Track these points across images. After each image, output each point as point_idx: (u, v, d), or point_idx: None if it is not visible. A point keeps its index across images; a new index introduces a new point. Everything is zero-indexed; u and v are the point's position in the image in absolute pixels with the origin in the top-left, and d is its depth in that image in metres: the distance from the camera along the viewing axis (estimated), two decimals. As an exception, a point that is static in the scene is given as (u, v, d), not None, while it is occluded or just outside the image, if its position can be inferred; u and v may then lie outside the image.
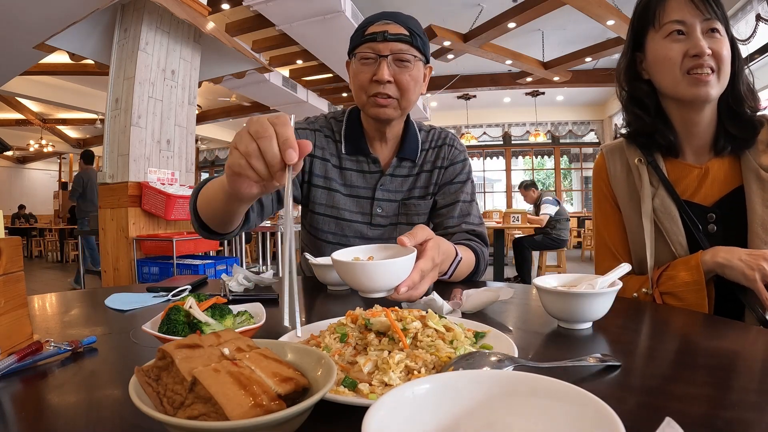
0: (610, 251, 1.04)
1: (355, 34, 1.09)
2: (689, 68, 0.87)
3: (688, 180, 0.96)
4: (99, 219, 3.65)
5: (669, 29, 0.88)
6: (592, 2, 5.42)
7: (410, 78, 1.04)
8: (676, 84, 0.89)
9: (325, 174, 1.15)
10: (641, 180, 0.98)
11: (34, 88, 8.11)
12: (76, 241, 6.91)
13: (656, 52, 0.91)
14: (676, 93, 0.90)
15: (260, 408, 0.31)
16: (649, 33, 0.93)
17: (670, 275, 0.90)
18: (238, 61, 4.53)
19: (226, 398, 0.30)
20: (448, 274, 0.92)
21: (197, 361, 0.34)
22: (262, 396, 0.32)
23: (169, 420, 0.30)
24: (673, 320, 0.75)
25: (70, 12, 3.64)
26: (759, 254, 0.80)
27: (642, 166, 0.98)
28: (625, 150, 1.03)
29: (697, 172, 0.95)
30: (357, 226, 1.16)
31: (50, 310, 0.87)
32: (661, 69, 0.91)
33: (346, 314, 0.55)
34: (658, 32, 0.90)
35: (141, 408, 0.31)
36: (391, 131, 1.14)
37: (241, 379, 0.33)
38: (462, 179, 1.19)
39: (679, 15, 0.87)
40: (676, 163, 0.98)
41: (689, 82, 0.87)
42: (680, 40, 0.88)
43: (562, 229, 5.21)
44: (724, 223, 0.92)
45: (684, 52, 0.87)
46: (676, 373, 0.50)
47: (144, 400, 0.33)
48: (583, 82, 8.88)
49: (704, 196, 0.94)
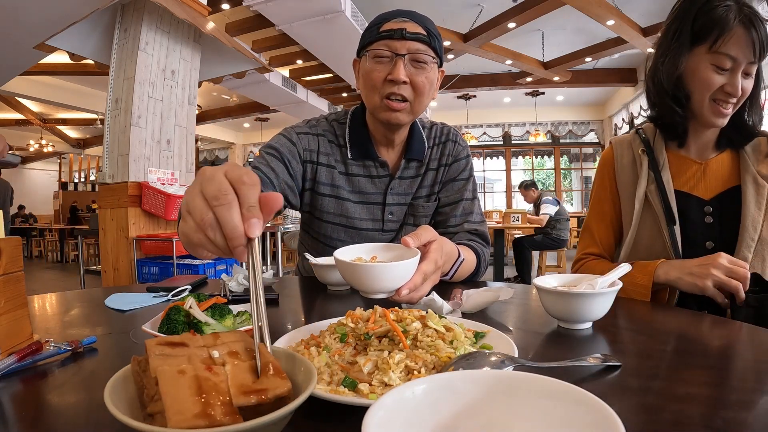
0: (593, 237, 1.13)
1: (368, 31, 1.02)
2: (717, 99, 0.94)
3: (689, 173, 1.03)
4: (99, 219, 3.66)
5: (720, 61, 0.91)
6: (592, 2, 5.42)
7: (426, 80, 0.99)
8: (701, 106, 0.96)
9: (332, 182, 1.10)
10: (641, 167, 1.05)
11: (34, 88, 8.12)
12: (76, 241, 6.91)
13: (698, 72, 0.94)
14: (698, 113, 0.97)
15: (206, 419, 0.29)
16: (702, 47, 0.94)
17: (630, 275, 0.93)
18: (238, 61, 4.53)
19: (173, 401, 0.30)
20: (450, 275, 0.92)
21: (172, 360, 0.34)
22: (216, 407, 0.30)
23: (117, 415, 0.29)
24: (674, 320, 0.75)
25: (70, 12, 3.64)
26: (708, 263, 0.86)
27: (644, 156, 1.06)
28: (632, 142, 1.11)
29: (697, 167, 1.03)
30: (369, 233, 1.12)
31: (50, 310, 0.87)
32: (696, 87, 0.96)
33: (346, 314, 0.55)
34: (711, 54, 0.92)
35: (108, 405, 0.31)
36: (398, 136, 1.10)
37: (203, 384, 0.32)
38: (465, 176, 1.17)
39: (735, 51, 0.90)
40: (680, 157, 1.05)
41: (712, 112, 0.95)
42: (722, 75, 0.92)
43: (562, 229, 5.21)
44: (721, 216, 0.99)
45: (721, 85, 0.92)
46: (676, 373, 0.50)
47: (121, 398, 0.34)
48: (583, 82, 8.89)
49: (703, 190, 1.01)
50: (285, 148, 1.05)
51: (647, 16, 6.29)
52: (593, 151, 11.86)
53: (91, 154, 13.55)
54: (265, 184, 0.97)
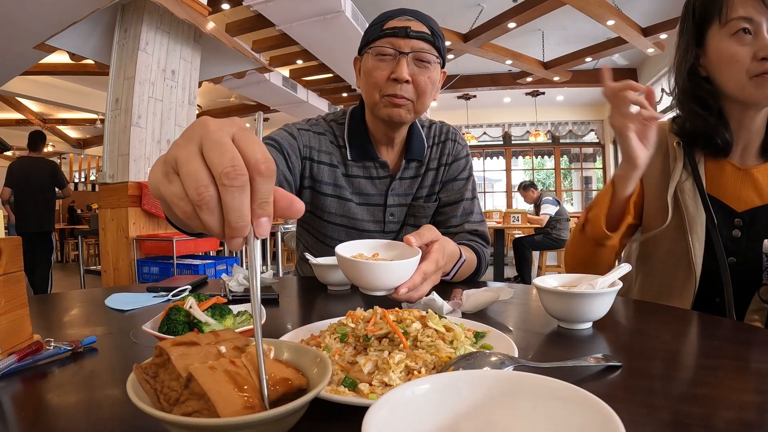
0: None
1: (371, 28, 1.02)
2: (755, 72, 0.82)
3: (724, 177, 0.92)
4: (99, 219, 3.66)
5: (736, 27, 0.82)
6: (592, 2, 5.42)
7: (428, 80, 0.98)
8: (741, 87, 0.84)
9: (335, 182, 1.09)
10: (676, 159, 0.94)
11: (34, 88, 8.11)
12: (76, 241, 6.90)
13: (721, 52, 0.85)
14: (741, 95, 0.86)
15: (252, 408, 0.31)
16: (712, 28, 0.87)
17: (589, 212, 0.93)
18: (238, 61, 4.53)
19: (219, 396, 0.30)
20: (450, 275, 0.92)
21: (193, 359, 0.34)
22: (254, 397, 0.32)
23: (162, 416, 0.30)
24: (674, 321, 0.75)
25: (70, 12, 3.64)
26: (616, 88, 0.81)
27: (679, 150, 0.95)
28: (667, 130, 0.99)
29: (735, 172, 0.91)
30: (370, 235, 1.12)
31: (50, 310, 0.87)
32: (726, 70, 0.86)
33: (347, 314, 0.55)
34: (723, 28, 0.84)
35: (137, 404, 0.31)
36: (399, 135, 1.09)
37: (237, 378, 0.33)
38: (465, 176, 1.16)
39: (745, 11, 0.81)
40: (717, 160, 0.93)
41: (756, 85, 0.82)
42: (746, 41, 0.82)
43: (562, 229, 5.21)
44: (750, 233, 0.88)
45: (752, 54, 0.82)
46: (677, 373, 0.50)
47: (141, 397, 0.33)
48: (583, 82, 8.88)
49: (737, 200, 0.90)
50: (285, 141, 1.04)
51: (647, 16, 6.29)
52: (593, 151, 11.84)
53: (91, 154, 13.54)
54: None
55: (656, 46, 6.66)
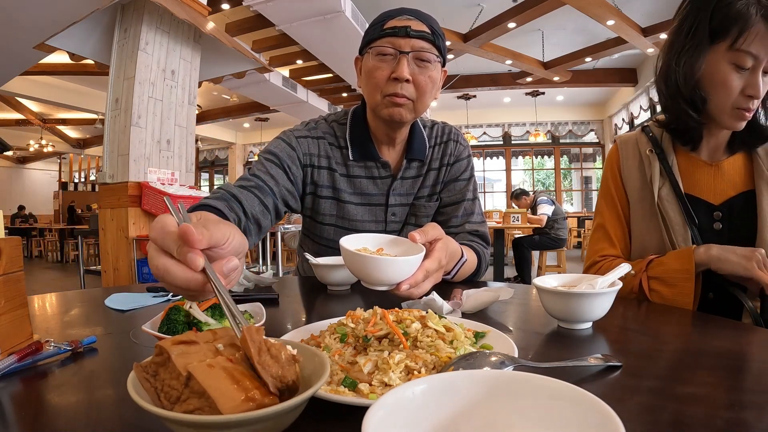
0: (607, 235, 1.06)
1: (371, 28, 1.02)
2: (739, 106, 0.87)
3: (697, 176, 0.98)
4: (99, 219, 3.66)
5: (741, 60, 0.84)
6: (592, 2, 5.42)
7: (429, 79, 0.98)
8: (721, 112, 0.90)
9: (333, 184, 1.09)
10: (651, 169, 1.00)
11: (34, 88, 8.12)
12: (76, 241, 6.90)
13: (717, 74, 0.88)
14: (718, 118, 0.91)
15: (253, 403, 0.31)
16: (720, 44, 0.87)
17: (661, 261, 0.91)
18: (238, 61, 4.53)
19: (219, 392, 0.31)
20: (451, 275, 0.92)
21: (193, 357, 0.34)
22: (255, 391, 0.32)
23: (165, 414, 0.30)
24: (674, 321, 0.75)
25: (70, 12, 3.64)
26: (751, 249, 0.82)
27: (653, 156, 1.00)
28: (638, 141, 1.05)
29: (707, 169, 0.97)
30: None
31: (50, 310, 0.87)
32: (714, 91, 0.89)
33: (347, 314, 0.55)
34: (730, 52, 0.85)
35: (139, 403, 0.31)
36: (400, 134, 1.09)
37: (235, 374, 0.33)
38: (466, 176, 1.16)
39: (757, 49, 0.83)
40: (689, 157, 0.99)
41: (733, 117, 0.88)
42: (743, 73, 0.86)
43: (561, 228, 5.22)
44: (731, 222, 0.94)
45: (741, 88, 0.86)
46: (677, 373, 0.50)
47: (142, 396, 0.33)
48: (583, 82, 8.89)
49: (713, 194, 0.96)
50: (284, 153, 1.04)
51: (647, 16, 6.29)
52: (593, 151, 11.86)
53: (91, 154, 13.56)
54: (264, 192, 0.97)
55: (656, 46, 6.66)
